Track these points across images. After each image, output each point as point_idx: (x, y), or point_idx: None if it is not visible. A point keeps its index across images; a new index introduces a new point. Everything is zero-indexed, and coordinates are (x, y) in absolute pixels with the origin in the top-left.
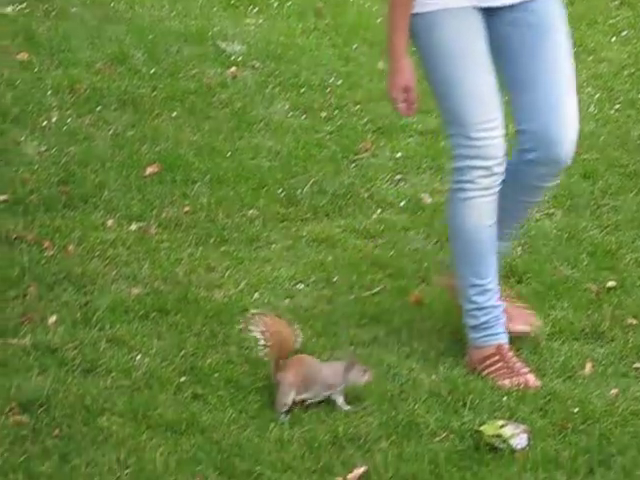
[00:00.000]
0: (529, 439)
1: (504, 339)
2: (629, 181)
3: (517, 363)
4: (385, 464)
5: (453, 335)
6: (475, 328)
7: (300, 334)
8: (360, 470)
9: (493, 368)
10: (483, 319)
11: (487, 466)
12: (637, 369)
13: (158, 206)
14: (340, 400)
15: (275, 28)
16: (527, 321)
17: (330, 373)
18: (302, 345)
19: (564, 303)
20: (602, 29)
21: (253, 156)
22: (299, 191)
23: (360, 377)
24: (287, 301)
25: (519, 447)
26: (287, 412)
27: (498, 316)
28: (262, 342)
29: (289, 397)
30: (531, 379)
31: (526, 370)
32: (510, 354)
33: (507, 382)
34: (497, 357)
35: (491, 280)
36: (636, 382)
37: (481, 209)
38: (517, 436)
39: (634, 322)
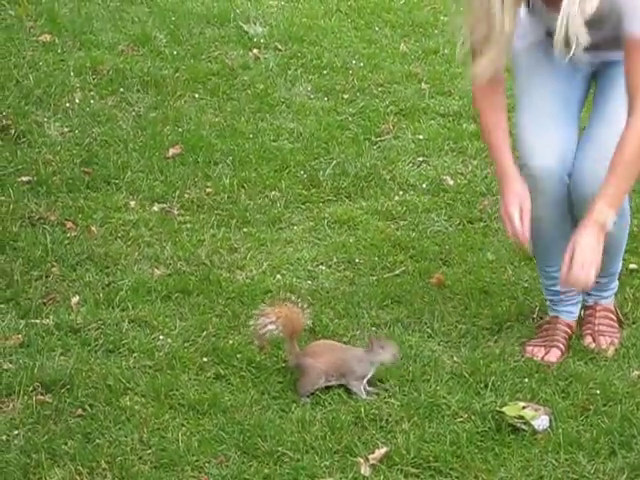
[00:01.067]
0: (550, 421)
1: (565, 315)
2: None
3: (557, 338)
4: (407, 445)
5: (474, 317)
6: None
7: (308, 310)
8: (382, 451)
9: (538, 333)
10: (548, 297)
11: (509, 447)
12: None
13: (180, 187)
14: (363, 388)
15: (297, 10)
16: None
17: (357, 362)
18: (324, 327)
19: None
20: None
21: (275, 138)
22: (321, 173)
23: (385, 355)
24: (309, 282)
25: (541, 428)
26: (310, 395)
27: (564, 299)
28: (273, 327)
29: (317, 384)
30: (552, 355)
31: (558, 347)
32: (560, 329)
33: (530, 348)
34: (547, 325)
35: (557, 269)
36: None
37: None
38: (539, 417)
39: None
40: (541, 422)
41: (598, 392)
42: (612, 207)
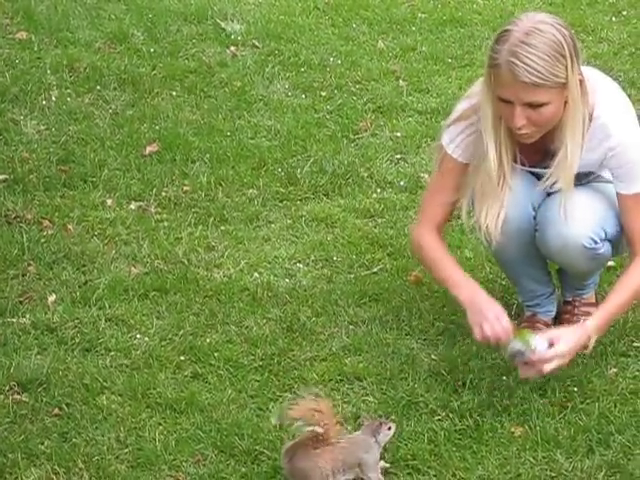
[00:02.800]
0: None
1: (542, 315)
2: None
3: None
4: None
5: (452, 314)
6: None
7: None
8: None
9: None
10: (523, 299)
11: (486, 445)
12: (637, 348)
13: (157, 185)
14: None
15: (275, 7)
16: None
17: (365, 451)
18: (302, 325)
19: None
20: (602, 9)
21: (253, 135)
22: (299, 170)
23: (386, 435)
24: (287, 280)
25: (538, 348)
26: None
27: (540, 302)
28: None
29: None
30: None
31: None
32: (537, 326)
33: None
34: (525, 324)
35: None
36: (636, 361)
37: None
38: (537, 338)
39: (634, 301)
40: (539, 343)
41: (575, 389)
42: (600, 332)
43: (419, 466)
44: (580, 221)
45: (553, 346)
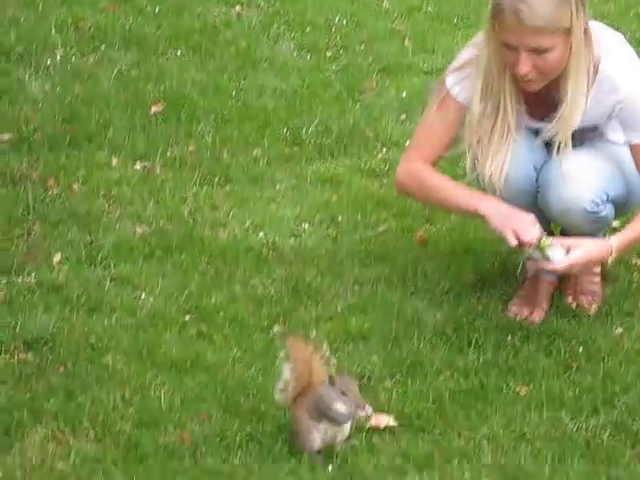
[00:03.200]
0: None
1: (546, 274)
2: None
3: (539, 298)
4: (389, 403)
5: (458, 274)
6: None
7: (332, 361)
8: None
9: (520, 291)
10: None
11: (491, 405)
12: None
13: (162, 145)
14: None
15: None
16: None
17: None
18: (307, 285)
19: None
20: None
21: (258, 95)
22: (304, 130)
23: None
24: (292, 240)
25: (555, 259)
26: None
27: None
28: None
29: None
30: (536, 316)
31: (542, 307)
32: (542, 289)
33: (514, 308)
34: (529, 283)
35: None
36: None
37: None
38: (555, 248)
39: (639, 262)
40: (555, 253)
41: (581, 350)
42: (620, 252)
43: (424, 425)
44: (582, 183)
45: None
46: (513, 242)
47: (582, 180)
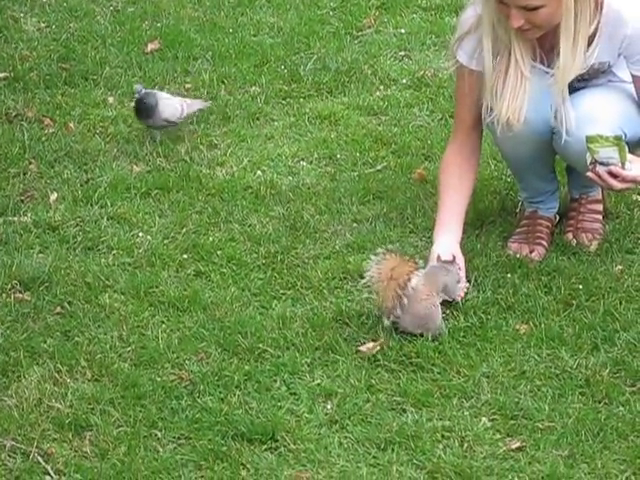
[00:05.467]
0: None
1: (544, 211)
2: None
3: (539, 235)
4: (389, 342)
5: None
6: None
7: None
8: (370, 344)
9: (519, 228)
10: (526, 195)
11: (491, 343)
12: None
13: (159, 83)
14: None
15: None
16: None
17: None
18: (305, 223)
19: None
20: None
21: (255, 32)
22: (302, 68)
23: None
24: (290, 178)
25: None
26: None
27: (543, 200)
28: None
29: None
30: (536, 254)
31: (542, 245)
32: (541, 225)
33: (515, 246)
34: (527, 221)
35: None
36: None
37: None
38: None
39: (639, 199)
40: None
41: (581, 287)
42: None
43: (423, 364)
44: (599, 122)
45: None
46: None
47: (599, 119)
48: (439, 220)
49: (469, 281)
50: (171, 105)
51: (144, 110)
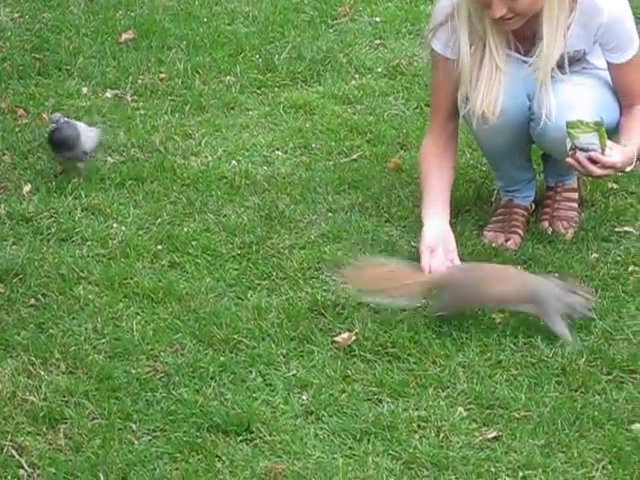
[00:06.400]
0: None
1: (520, 200)
2: None
3: (514, 224)
4: (364, 332)
5: None
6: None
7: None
8: (345, 335)
9: (494, 216)
10: (501, 184)
11: (467, 332)
12: (618, 233)
13: (133, 73)
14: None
15: None
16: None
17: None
18: (280, 213)
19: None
20: None
21: (230, 22)
22: (276, 57)
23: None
24: (265, 168)
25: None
26: None
27: (520, 189)
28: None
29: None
30: (512, 243)
31: (518, 234)
32: (517, 214)
33: (491, 234)
34: (503, 210)
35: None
36: (617, 246)
37: None
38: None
39: (615, 186)
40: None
41: (557, 275)
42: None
43: (399, 353)
44: (576, 109)
45: None
46: (425, 270)
47: (577, 105)
48: (425, 205)
49: None
50: (90, 137)
51: (64, 142)
